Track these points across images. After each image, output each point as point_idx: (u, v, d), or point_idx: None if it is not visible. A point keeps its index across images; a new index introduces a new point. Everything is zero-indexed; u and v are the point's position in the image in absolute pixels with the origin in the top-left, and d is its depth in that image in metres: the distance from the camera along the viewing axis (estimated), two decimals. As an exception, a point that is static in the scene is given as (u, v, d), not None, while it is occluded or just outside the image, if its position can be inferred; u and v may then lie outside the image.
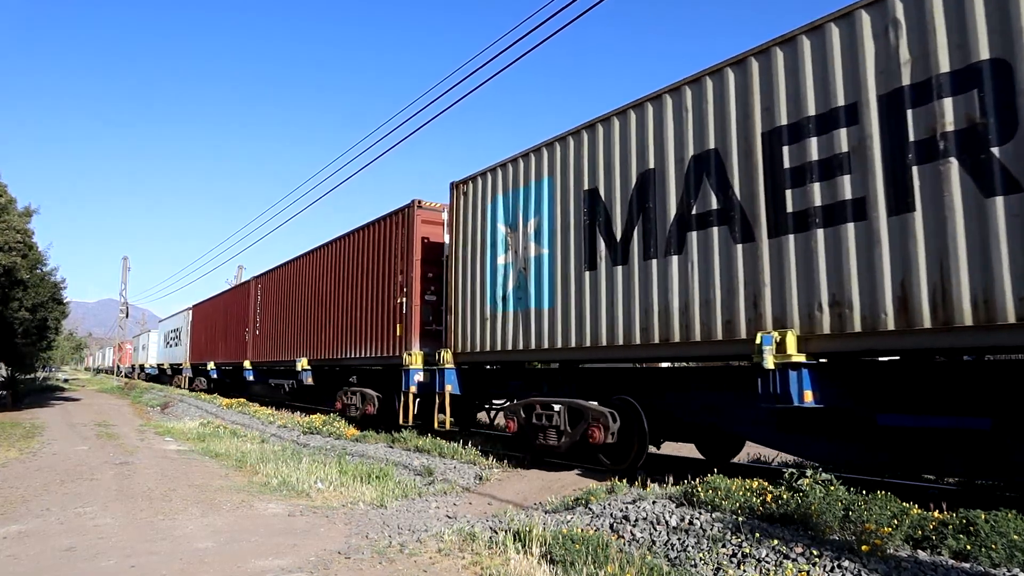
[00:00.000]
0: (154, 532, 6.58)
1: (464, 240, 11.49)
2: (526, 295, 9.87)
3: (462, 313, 11.35)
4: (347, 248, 16.17)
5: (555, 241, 9.42)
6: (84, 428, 17.49)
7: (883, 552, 4.78)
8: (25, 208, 21.66)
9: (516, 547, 5.54)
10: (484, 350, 10.75)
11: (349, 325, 15.54)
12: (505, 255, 10.40)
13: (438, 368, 11.55)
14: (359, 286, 15.20)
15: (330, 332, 16.61)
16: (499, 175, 10.73)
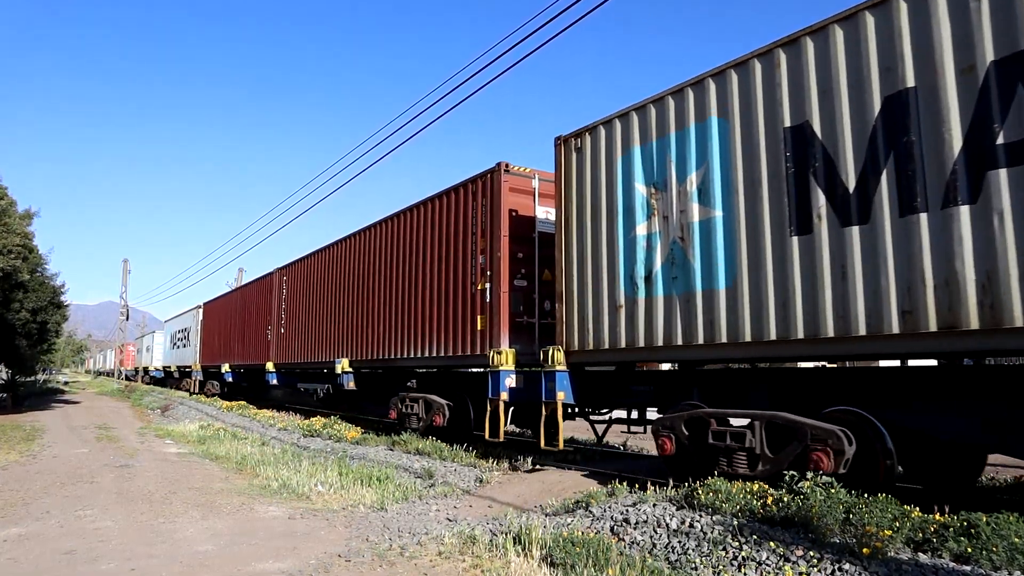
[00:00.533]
0: (154, 535, 6.58)
1: (580, 208, 9.25)
2: (685, 273, 7.68)
3: (578, 301, 9.13)
4: (405, 228, 13.64)
5: (733, 199, 7.22)
6: (84, 431, 17.48)
7: (884, 555, 4.78)
8: (25, 211, 21.69)
9: (516, 550, 5.53)
10: (615, 347, 8.52)
11: (407, 319, 13.17)
12: (647, 223, 8.21)
13: (544, 371, 9.37)
14: (422, 272, 12.80)
15: (380, 328, 14.23)
16: (633, 122, 8.49)
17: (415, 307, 12.92)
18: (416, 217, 13.27)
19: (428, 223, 12.76)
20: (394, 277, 13.87)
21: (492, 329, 10.59)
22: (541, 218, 11.01)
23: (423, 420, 12.73)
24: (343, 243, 16.69)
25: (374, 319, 14.60)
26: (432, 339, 12.27)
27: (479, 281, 11.02)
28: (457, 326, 11.53)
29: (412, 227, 13.36)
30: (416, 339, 12.80)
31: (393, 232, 14.15)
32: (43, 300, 23.86)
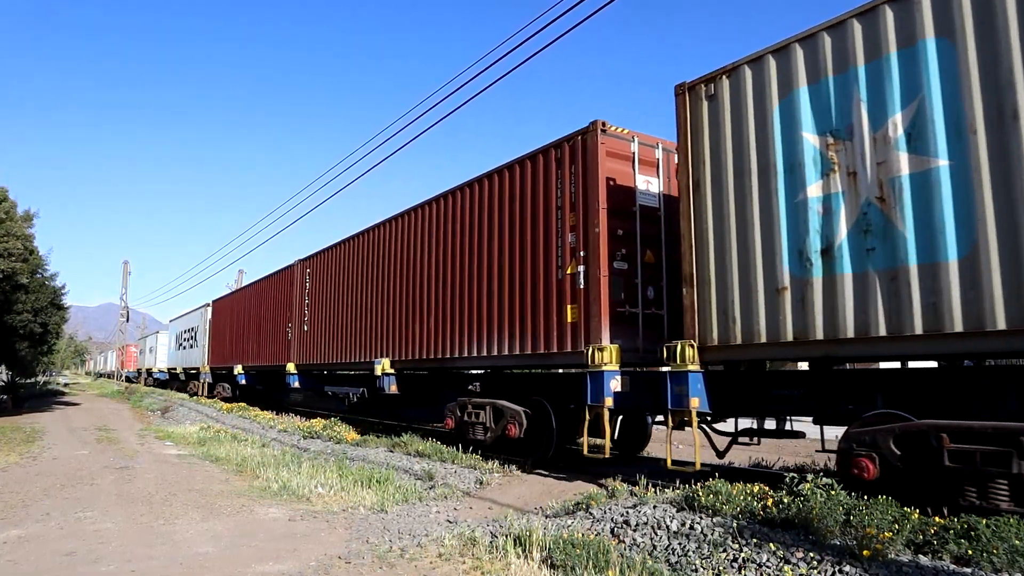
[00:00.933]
0: (154, 537, 6.58)
1: (716, 169, 7.58)
2: (887, 243, 6.06)
3: (717, 285, 7.45)
4: (464, 206, 11.72)
5: (968, 143, 5.65)
6: (84, 432, 17.48)
7: (884, 557, 4.78)
8: (25, 212, 21.72)
9: (516, 552, 5.53)
10: (776, 340, 6.83)
11: (468, 313, 11.31)
12: (823, 182, 6.58)
13: (671, 371, 7.66)
14: (488, 257, 10.97)
15: (432, 324, 12.38)
16: (795, 57, 6.85)
17: (478, 298, 11.10)
18: (479, 193, 11.30)
19: (496, 198, 10.91)
20: (450, 264, 11.97)
21: (589, 321, 8.89)
22: (641, 189, 9.46)
23: (491, 430, 10.78)
24: (384, 227, 14.66)
25: (423, 313, 12.69)
26: (502, 335, 10.48)
27: (568, 264, 9.36)
28: (536, 319, 9.81)
29: (474, 204, 11.45)
30: (480, 335, 10.99)
31: (449, 211, 12.19)
32: (43, 301, 23.88)
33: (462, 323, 11.49)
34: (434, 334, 12.31)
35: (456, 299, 11.73)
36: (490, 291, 10.86)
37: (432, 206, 12.79)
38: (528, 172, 10.28)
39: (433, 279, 12.53)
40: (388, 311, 14.14)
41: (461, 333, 11.49)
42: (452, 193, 12.15)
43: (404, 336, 13.37)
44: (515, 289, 10.35)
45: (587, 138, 9.23)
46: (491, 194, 11.05)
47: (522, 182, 10.42)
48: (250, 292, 25.05)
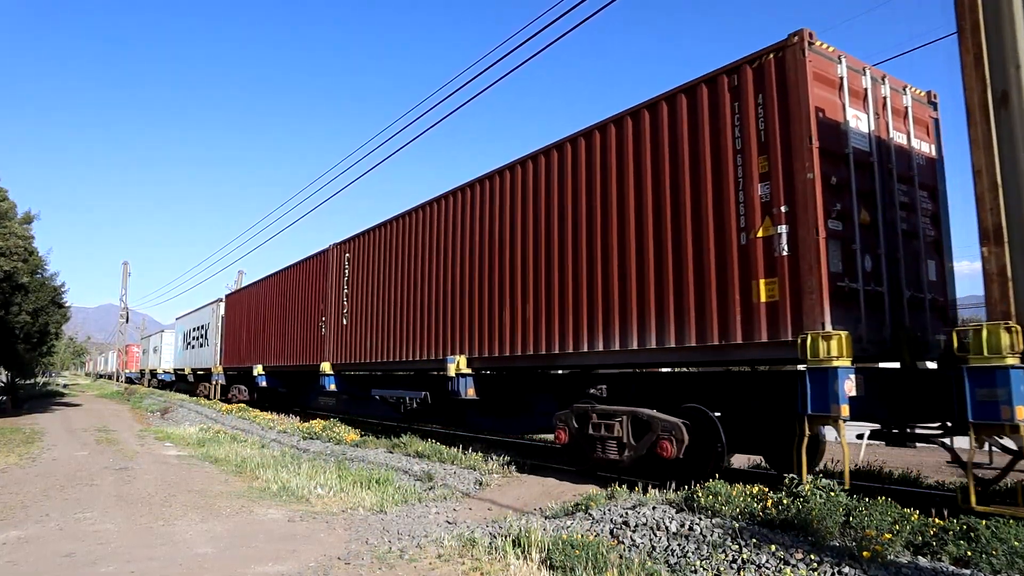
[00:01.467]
0: (154, 538, 6.58)
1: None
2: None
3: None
4: (584, 158, 9.37)
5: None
6: (84, 433, 17.48)
7: (883, 558, 4.78)
8: (25, 213, 21.74)
9: (516, 553, 5.53)
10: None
11: (589, 295, 9.03)
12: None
13: (972, 367, 5.27)
14: (623, 221, 8.66)
15: (532, 311, 10.01)
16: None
17: (604, 276, 8.83)
18: (606, 141, 9.02)
19: (631, 146, 8.64)
20: (559, 236, 9.66)
21: (800, 300, 6.68)
22: (852, 127, 7.32)
23: (630, 448, 8.36)
24: (458, 196, 12.16)
25: (518, 300, 10.33)
26: (643, 323, 8.23)
27: (757, 225, 7.16)
28: (703, 299, 7.57)
29: (597, 157, 9.14)
30: (607, 325, 8.73)
31: (558, 168, 9.81)
32: (43, 301, 23.89)
33: (577, 310, 9.19)
34: (533, 325, 9.98)
35: (568, 279, 9.41)
36: (623, 267, 8.57)
37: (533, 163, 10.25)
38: (683, 109, 8.03)
39: (532, 256, 10.13)
40: (464, 298, 11.62)
41: (576, 323, 9.21)
42: (563, 145, 9.73)
43: (487, 328, 10.98)
44: (664, 262, 8.03)
45: (786, 55, 7.05)
46: (623, 142, 8.74)
47: (673, 124, 8.13)
48: (271, 284, 22.30)
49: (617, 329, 8.61)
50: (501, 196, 11.02)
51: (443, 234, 12.54)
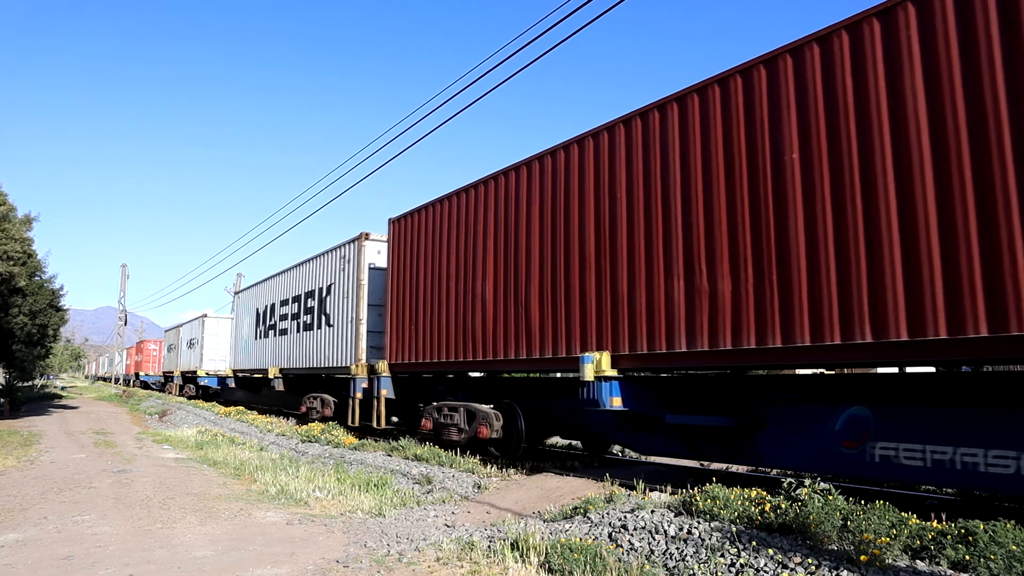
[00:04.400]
0: (152, 541, 6.57)
1: None
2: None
3: None
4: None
5: None
6: (82, 436, 17.45)
7: (881, 562, 4.79)
8: (25, 216, 21.74)
9: (514, 556, 5.54)
10: None
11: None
12: None
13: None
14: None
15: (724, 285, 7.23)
16: None
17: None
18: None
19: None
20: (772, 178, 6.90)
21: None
22: None
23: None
24: (600, 137, 8.97)
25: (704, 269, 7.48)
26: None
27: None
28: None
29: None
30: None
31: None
32: (41, 304, 23.86)
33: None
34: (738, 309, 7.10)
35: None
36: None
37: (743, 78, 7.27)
38: None
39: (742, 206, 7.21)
40: (606, 275, 8.75)
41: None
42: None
43: (642, 315, 8.19)
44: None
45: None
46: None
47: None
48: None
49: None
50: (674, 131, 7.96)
51: (567, 190, 9.38)
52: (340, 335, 16.16)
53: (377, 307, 15.16)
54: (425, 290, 12.80)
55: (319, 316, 17.47)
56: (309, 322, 18.15)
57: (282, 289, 20.78)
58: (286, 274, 20.63)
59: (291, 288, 19.93)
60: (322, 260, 17.68)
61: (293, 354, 19.27)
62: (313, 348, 17.77)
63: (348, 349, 15.68)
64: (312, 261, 18.37)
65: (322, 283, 17.56)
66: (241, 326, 25.42)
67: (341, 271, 16.36)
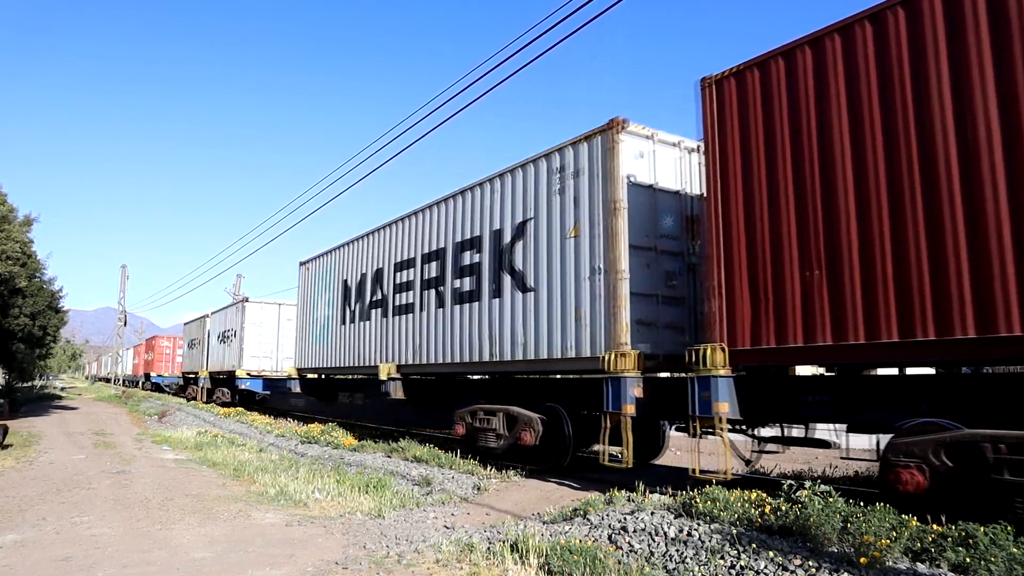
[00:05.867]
0: (151, 542, 6.56)
1: None
2: None
3: None
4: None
5: None
6: (81, 437, 17.43)
7: (882, 564, 4.78)
8: (25, 217, 21.75)
9: (514, 558, 5.53)
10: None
11: None
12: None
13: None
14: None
15: None
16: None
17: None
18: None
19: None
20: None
21: None
22: None
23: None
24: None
25: None
26: None
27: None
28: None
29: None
30: None
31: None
32: (41, 305, 23.86)
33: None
34: None
35: None
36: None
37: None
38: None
39: None
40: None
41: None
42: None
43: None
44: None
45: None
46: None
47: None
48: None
49: None
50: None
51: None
52: (555, 304, 9.63)
53: (643, 251, 8.96)
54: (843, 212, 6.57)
55: (495, 276, 10.90)
56: (468, 289, 11.55)
57: (396, 247, 14.16)
58: (405, 223, 13.87)
59: (418, 242, 13.31)
60: (504, 184, 10.98)
61: (426, 342, 12.60)
62: (476, 330, 11.21)
63: (581, 327, 9.17)
64: (474, 191, 11.72)
65: (504, 222, 10.86)
66: (313, 308, 18.01)
67: (556, 194, 9.80)
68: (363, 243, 15.73)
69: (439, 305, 12.34)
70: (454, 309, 11.87)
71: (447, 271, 12.23)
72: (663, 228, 9.26)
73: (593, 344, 8.96)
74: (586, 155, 9.40)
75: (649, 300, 8.93)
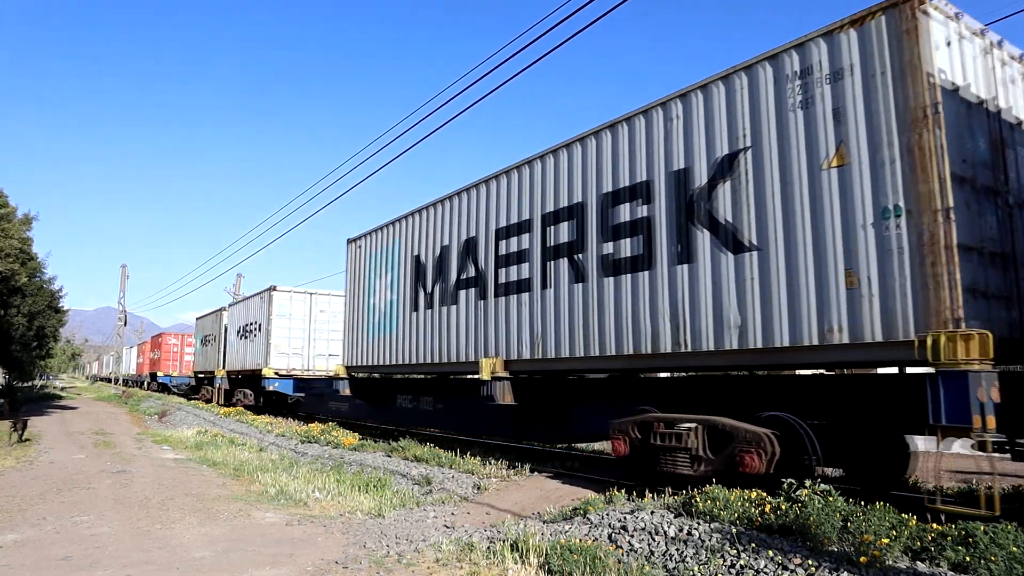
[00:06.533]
0: (151, 541, 6.56)
1: None
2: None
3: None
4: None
5: None
6: (81, 436, 17.43)
7: (882, 563, 4.78)
8: (24, 216, 21.76)
9: (514, 557, 5.52)
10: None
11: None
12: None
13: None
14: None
15: None
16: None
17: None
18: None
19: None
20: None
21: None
22: None
23: None
24: None
25: None
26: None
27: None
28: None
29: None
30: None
31: None
32: (41, 305, 23.86)
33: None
34: None
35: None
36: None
37: None
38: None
39: None
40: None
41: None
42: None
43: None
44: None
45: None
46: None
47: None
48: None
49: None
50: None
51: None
52: (801, 267, 6.75)
53: (964, 184, 6.21)
54: None
55: (679, 234, 8.01)
56: (627, 255, 8.67)
57: (496, 208, 11.22)
58: (509, 178, 11.00)
59: (534, 199, 10.41)
60: (690, 106, 8.12)
61: (552, 330, 9.72)
62: (644, 310, 8.34)
63: (858, 299, 6.29)
64: (631, 123, 8.85)
65: (692, 157, 7.98)
66: (368, 294, 14.98)
67: (795, 109, 7.01)
68: (442, 209, 12.64)
69: (576, 279, 9.36)
70: (602, 283, 8.93)
71: (589, 233, 9.26)
72: (978, 153, 6.46)
73: (888, 323, 6.00)
74: (855, 47, 6.59)
75: (973, 257, 6.05)
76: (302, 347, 22.17)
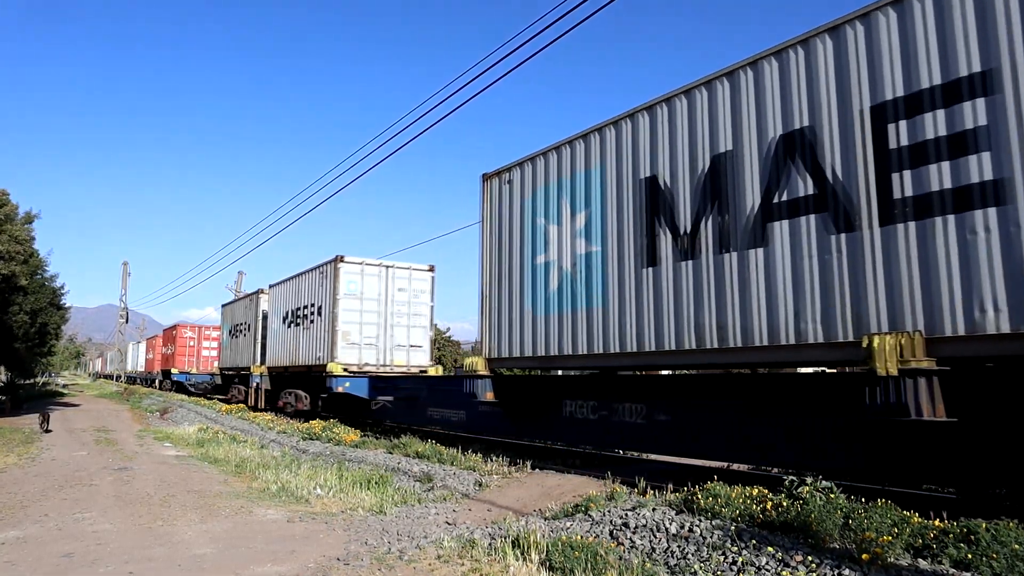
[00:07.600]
0: (153, 538, 6.57)
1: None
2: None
3: None
4: None
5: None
6: (83, 434, 17.46)
7: (884, 561, 4.77)
8: (26, 214, 21.77)
9: (515, 554, 5.52)
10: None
11: None
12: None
13: None
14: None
15: None
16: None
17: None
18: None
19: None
20: None
21: None
22: None
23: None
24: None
25: None
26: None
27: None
28: None
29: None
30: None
31: None
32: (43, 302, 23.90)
33: None
34: None
35: None
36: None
37: None
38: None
39: None
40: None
41: None
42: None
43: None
44: None
45: None
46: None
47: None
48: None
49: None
50: None
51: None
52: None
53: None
54: None
55: None
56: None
57: (862, 71, 6.27)
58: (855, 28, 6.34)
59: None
60: None
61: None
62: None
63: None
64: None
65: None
66: (527, 252, 10.44)
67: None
68: (708, 94, 7.85)
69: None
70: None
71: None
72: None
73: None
74: None
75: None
76: (376, 336, 17.16)
